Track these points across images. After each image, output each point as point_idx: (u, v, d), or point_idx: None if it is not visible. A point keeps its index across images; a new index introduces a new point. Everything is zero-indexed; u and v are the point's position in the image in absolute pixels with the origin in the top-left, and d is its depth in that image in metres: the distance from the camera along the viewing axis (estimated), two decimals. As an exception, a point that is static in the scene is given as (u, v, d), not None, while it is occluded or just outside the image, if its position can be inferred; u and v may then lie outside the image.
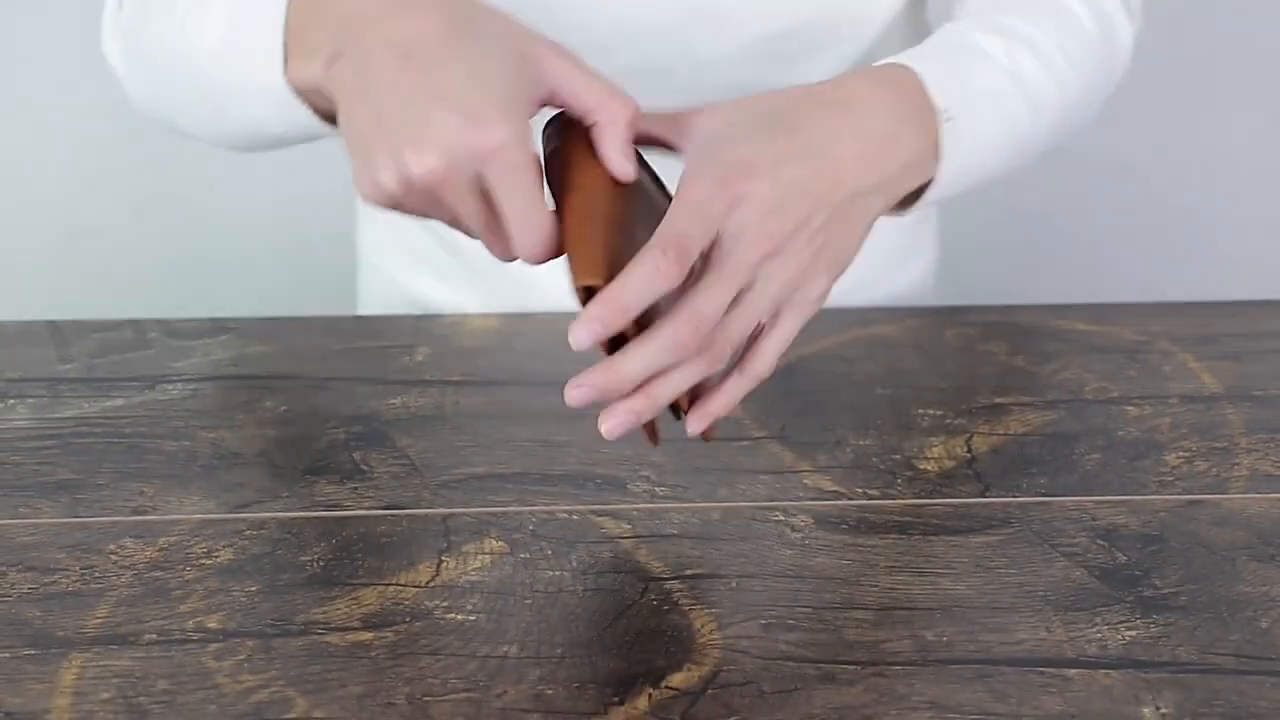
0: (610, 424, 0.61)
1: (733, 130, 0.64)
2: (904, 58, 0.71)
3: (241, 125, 0.73)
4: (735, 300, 0.61)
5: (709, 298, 0.60)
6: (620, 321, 0.57)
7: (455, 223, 0.63)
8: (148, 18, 0.78)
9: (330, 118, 0.68)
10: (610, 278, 0.58)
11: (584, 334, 0.57)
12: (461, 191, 0.59)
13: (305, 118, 0.68)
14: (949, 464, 0.75)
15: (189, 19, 0.72)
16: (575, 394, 0.59)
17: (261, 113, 0.70)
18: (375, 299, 1.07)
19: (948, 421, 0.79)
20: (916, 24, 0.96)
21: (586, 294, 0.59)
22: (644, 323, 0.60)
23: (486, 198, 0.60)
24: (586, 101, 0.62)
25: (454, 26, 0.60)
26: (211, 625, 0.62)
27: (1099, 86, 0.84)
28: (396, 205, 0.62)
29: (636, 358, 0.60)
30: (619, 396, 0.61)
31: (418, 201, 0.61)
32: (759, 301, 0.62)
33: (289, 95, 0.67)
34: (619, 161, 0.61)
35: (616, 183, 0.62)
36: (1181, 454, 0.76)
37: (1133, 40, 0.87)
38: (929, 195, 0.71)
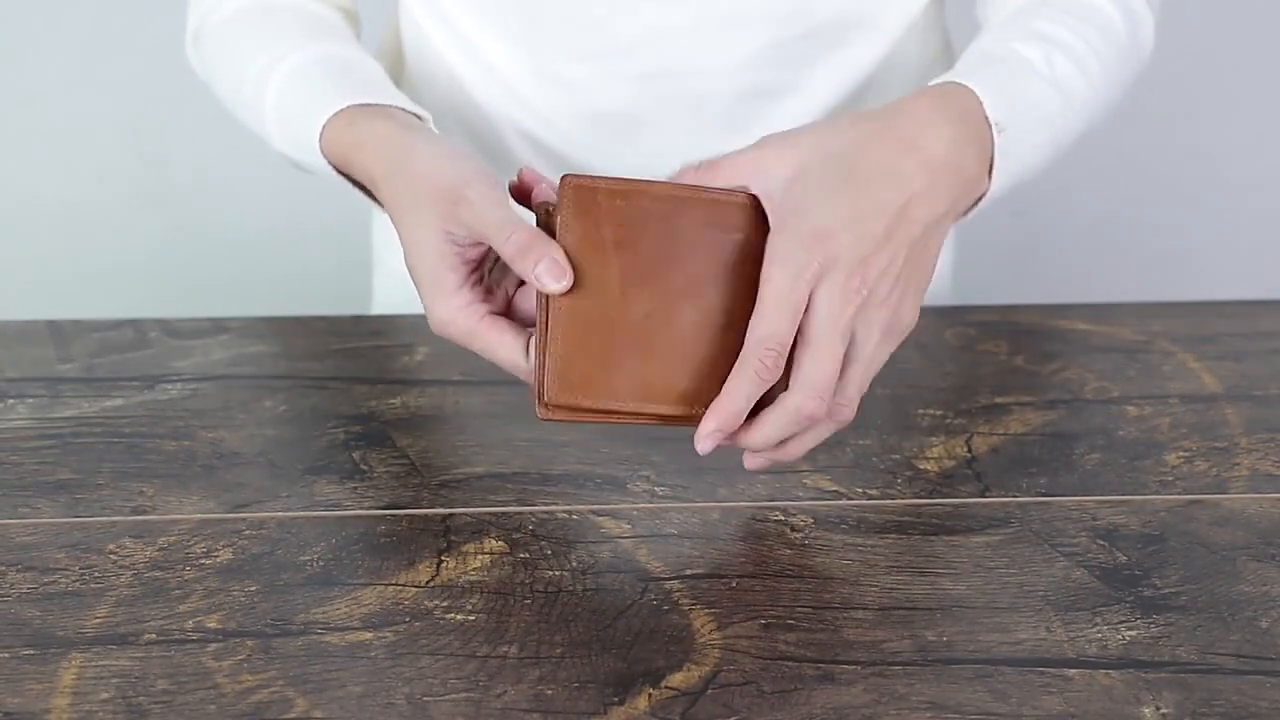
0: (753, 465, 0.68)
1: (805, 188, 0.65)
2: (957, 74, 0.73)
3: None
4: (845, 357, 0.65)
5: (821, 368, 0.63)
6: (736, 424, 0.64)
7: None
8: (215, 76, 0.90)
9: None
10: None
11: (710, 446, 0.64)
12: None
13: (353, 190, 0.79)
14: (949, 464, 0.75)
15: (250, 109, 0.84)
16: (707, 446, 0.65)
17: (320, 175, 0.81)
18: (389, 299, 1.07)
19: (948, 421, 0.79)
20: (934, 28, 0.96)
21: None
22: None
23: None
24: (495, 245, 0.65)
25: (396, 215, 0.69)
26: (211, 625, 0.62)
27: (1126, 77, 0.86)
28: None
29: (769, 427, 0.65)
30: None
31: None
32: (865, 350, 0.65)
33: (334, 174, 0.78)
34: (550, 286, 0.63)
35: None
36: (1181, 454, 0.76)
37: (1153, 30, 0.89)
38: (982, 204, 0.73)
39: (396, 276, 1.06)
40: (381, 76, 0.81)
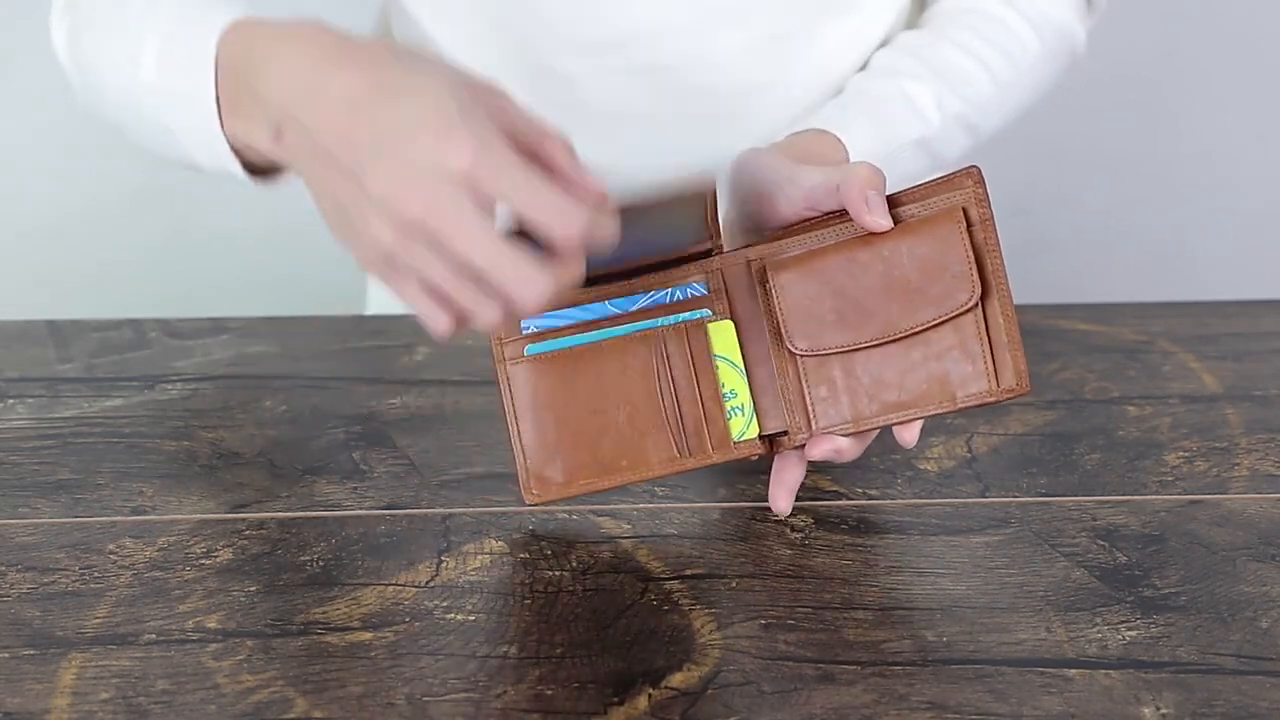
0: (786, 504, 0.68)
1: None
2: (835, 121, 0.79)
3: (175, 154, 0.72)
4: None
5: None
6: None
7: (456, 286, 0.56)
8: (92, 25, 0.77)
9: (261, 170, 0.68)
10: None
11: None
12: (464, 216, 0.54)
13: (234, 167, 0.66)
14: (949, 464, 0.75)
15: (128, 49, 0.70)
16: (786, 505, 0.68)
17: (194, 151, 0.69)
18: (384, 298, 1.07)
19: (948, 421, 0.79)
20: (915, 16, 0.96)
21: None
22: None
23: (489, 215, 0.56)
24: (539, 138, 0.58)
25: (388, 68, 0.57)
26: (211, 625, 0.62)
27: (1033, 91, 0.92)
28: (396, 265, 0.57)
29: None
30: None
31: (418, 251, 0.56)
32: None
33: (222, 143, 0.65)
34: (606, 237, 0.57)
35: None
36: (1181, 454, 0.76)
37: (1085, 34, 0.94)
38: None
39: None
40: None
